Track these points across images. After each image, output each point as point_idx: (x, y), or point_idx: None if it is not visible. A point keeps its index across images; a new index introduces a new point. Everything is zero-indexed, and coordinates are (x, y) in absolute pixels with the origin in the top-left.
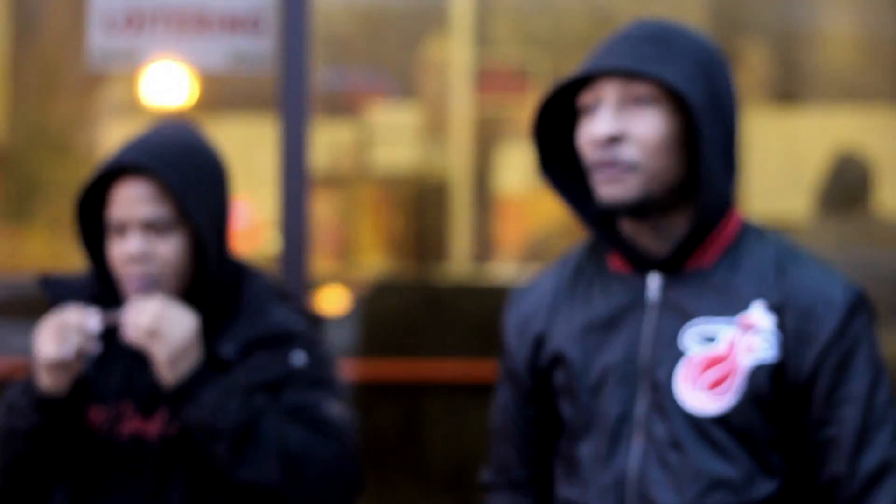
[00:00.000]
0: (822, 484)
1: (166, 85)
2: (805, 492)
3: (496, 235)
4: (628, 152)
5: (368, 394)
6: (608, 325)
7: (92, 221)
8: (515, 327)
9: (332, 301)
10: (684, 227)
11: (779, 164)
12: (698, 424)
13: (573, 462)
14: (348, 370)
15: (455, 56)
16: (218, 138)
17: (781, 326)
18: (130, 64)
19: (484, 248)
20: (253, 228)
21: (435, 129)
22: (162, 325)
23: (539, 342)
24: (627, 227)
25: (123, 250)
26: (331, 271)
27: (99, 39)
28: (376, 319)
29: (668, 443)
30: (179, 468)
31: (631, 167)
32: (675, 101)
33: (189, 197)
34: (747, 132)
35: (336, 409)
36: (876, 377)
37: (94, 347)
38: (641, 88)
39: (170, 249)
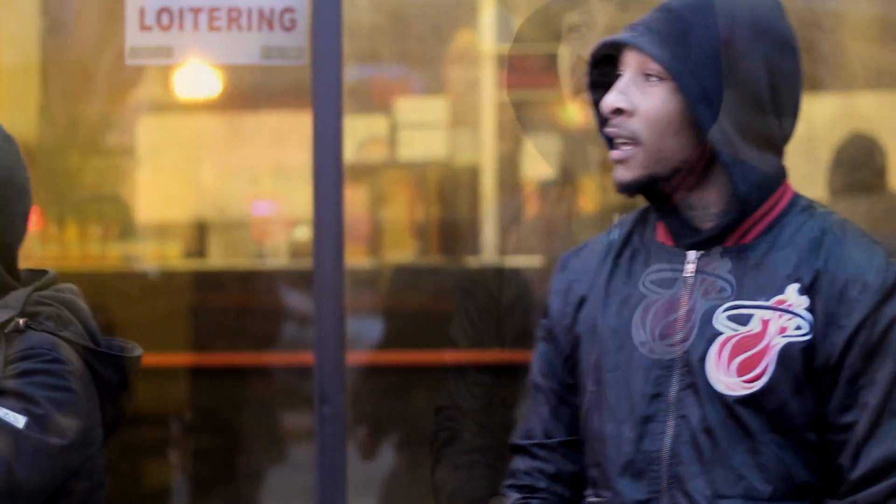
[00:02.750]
0: (834, 471)
1: (198, 81)
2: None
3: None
4: (631, 125)
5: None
6: (645, 299)
7: None
8: (560, 291)
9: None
10: (718, 204)
11: None
12: (728, 407)
13: (594, 438)
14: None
15: (483, 48)
16: (250, 133)
17: (812, 309)
18: (163, 61)
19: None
20: (284, 223)
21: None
22: None
23: (580, 306)
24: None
25: None
26: (361, 262)
27: (132, 37)
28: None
29: (700, 428)
30: None
31: (632, 140)
32: None
33: None
34: None
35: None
36: None
37: None
38: (652, 64)
39: None
